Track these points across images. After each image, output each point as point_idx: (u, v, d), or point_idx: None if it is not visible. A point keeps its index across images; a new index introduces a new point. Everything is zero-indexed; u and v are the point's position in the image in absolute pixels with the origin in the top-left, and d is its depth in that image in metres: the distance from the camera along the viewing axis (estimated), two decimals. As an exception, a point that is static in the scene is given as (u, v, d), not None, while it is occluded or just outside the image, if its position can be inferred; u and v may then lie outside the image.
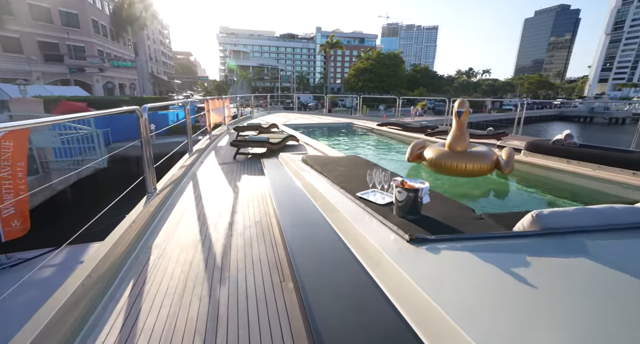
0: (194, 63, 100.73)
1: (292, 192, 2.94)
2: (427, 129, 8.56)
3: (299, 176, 3.26)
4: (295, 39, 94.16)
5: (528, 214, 1.51)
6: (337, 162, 3.33)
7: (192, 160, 4.74)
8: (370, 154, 6.85)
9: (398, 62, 47.59)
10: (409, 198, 1.80)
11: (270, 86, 61.70)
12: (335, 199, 2.29)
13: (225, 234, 2.38)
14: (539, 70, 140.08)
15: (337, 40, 51.89)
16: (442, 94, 53.63)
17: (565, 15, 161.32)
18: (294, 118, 12.45)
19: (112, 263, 1.80)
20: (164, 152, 4.47)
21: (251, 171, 4.39)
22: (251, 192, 3.44)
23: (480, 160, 4.20)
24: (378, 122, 10.55)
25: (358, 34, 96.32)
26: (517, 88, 71.65)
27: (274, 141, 5.35)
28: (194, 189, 3.55)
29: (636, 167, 3.67)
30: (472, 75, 77.84)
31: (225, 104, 9.47)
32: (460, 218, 1.81)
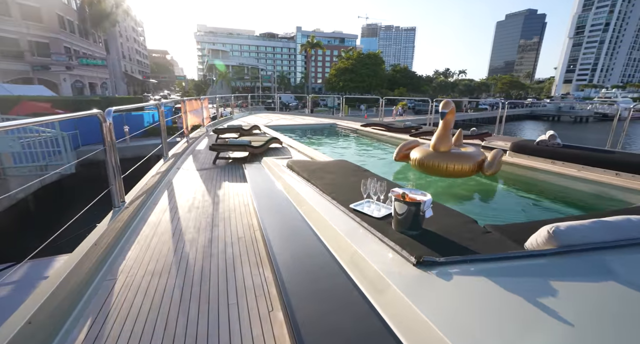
0: (170, 62, 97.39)
1: (278, 202, 2.72)
2: (411, 129, 8.54)
3: (284, 183, 3.04)
4: (276, 39, 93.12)
5: (542, 229, 1.38)
6: (325, 168, 3.13)
7: (167, 166, 4.39)
8: (355, 156, 6.71)
9: (378, 62, 48.07)
10: (410, 212, 1.63)
11: (250, 85, 60.66)
12: (327, 212, 2.09)
13: (204, 254, 2.12)
14: (511, 71, 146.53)
15: (318, 40, 51.79)
16: (421, 94, 54.79)
17: (533, 19, 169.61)
18: (276, 119, 12.14)
19: (64, 298, 1.51)
20: (140, 155, 4.12)
21: (232, 178, 4.11)
22: (233, 202, 3.18)
23: (464, 161, 4.22)
24: (361, 122, 10.46)
25: (338, 34, 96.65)
26: (491, 88, 74.42)
27: (256, 144, 5.08)
28: (169, 199, 3.24)
29: (618, 167, 3.72)
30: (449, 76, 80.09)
31: (204, 105, 9.05)
32: (465, 232, 1.66)
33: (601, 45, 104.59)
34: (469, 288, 1.18)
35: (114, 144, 2.44)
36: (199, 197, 3.30)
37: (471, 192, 4.49)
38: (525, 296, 1.11)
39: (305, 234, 2.02)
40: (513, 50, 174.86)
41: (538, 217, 3.52)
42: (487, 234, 1.62)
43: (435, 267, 1.29)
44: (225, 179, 4.05)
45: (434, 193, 4.43)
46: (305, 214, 2.28)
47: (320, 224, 2.03)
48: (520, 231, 1.71)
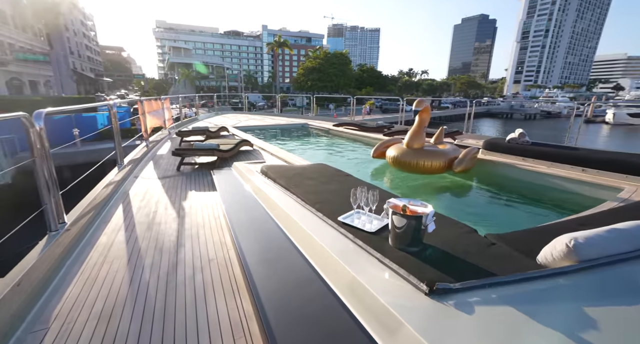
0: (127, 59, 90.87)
1: (253, 215, 2.42)
2: (384, 128, 8.54)
3: (259, 192, 2.74)
4: (241, 37, 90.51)
5: (558, 242, 1.24)
6: (303, 174, 2.88)
7: (123, 175, 3.87)
8: (331, 157, 6.51)
9: (346, 62, 48.47)
10: (410, 226, 1.43)
11: (216, 85, 58.39)
12: (312, 226, 1.84)
13: (167, 283, 1.78)
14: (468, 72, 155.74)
15: (285, 39, 51.15)
16: (387, 93, 56.27)
17: (486, 24, 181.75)
18: (245, 119, 11.63)
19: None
20: (94, 161, 3.59)
21: (199, 186, 3.71)
22: (201, 215, 2.82)
23: (436, 158, 4.34)
24: (333, 122, 10.33)
25: (305, 34, 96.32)
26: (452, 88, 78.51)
27: (225, 147, 4.69)
28: (124, 215, 2.80)
29: (584, 164, 3.89)
30: (413, 76, 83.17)
31: (166, 105, 8.35)
32: (468, 245, 1.50)
33: (543, 50, 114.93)
34: (495, 320, 1.00)
35: (47, 154, 1.99)
36: (161, 211, 2.90)
37: (448, 190, 4.48)
38: (561, 323, 0.95)
39: (289, 254, 1.76)
40: (469, 52, 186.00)
41: (516, 213, 3.55)
42: (492, 247, 1.47)
43: (451, 295, 1.10)
44: (192, 187, 3.65)
45: (410, 192, 4.39)
46: (286, 229, 2.01)
47: (305, 241, 1.77)
48: (525, 241, 1.59)
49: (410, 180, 4.70)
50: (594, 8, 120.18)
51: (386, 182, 4.77)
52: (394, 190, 4.50)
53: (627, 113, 30.89)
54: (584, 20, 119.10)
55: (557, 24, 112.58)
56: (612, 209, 2.02)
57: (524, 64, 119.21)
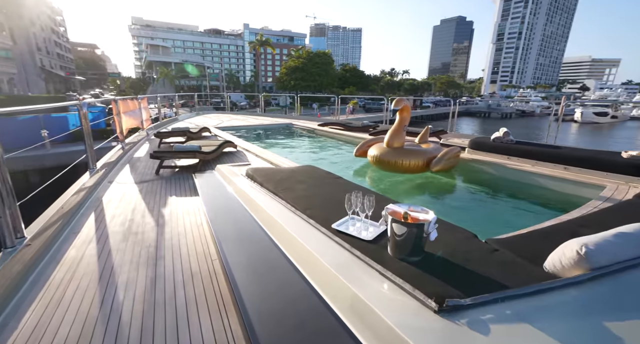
0: (101, 57, 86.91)
1: (239, 222, 2.26)
2: (369, 128, 8.52)
3: (245, 197, 2.58)
4: (222, 35, 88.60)
5: (567, 249, 1.18)
6: (292, 177, 2.74)
7: (95, 180, 3.60)
8: (318, 158, 6.39)
9: (328, 61, 48.44)
10: (411, 235, 1.34)
11: (196, 84, 56.92)
12: (304, 234, 1.72)
13: (144, 303, 1.60)
14: (447, 72, 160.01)
15: (267, 38, 50.57)
16: (370, 93, 56.81)
17: (463, 26, 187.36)
18: (228, 119, 11.31)
19: None
20: (66, 164, 3.31)
21: (180, 191, 3.50)
22: (183, 223, 2.63)
23: (416, 157, 4.33)
24: (318, 122, 10.21)
25: (287, 33, 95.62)
26: (432, 87, 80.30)
27: (208, 149, 4.48)
28: (96, 225, 2.56)
29: (566, 162, 3.97)
30: (394, 75, 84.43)
31: (143, 105, 7.96)
32: (470, 252, 1.42)
33: (517, 51, 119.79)
34: (514, 340, 0.91)
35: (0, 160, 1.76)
36: (138, 219, 2.68)
37: (435, 190, 4.47)
38: (585, 339, 0.87)
39: (280, 266, 1.63)
40: (448, 53, 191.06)
41: (505, 212, 3.56)
42: (496, 254, 1.40)
43: (462, 313, 1.01)
44: (172, 192, 3.43)
45: (394, 191, 4.35)
46: (276, 238, 1.88)
47: (297, 252, 1.65)
48: (527, 245, 1.54)
49: (396, 180, 4.67)
50: (561, 12, 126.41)
51: (370, 182, 4.71)
52: (379, 190, 4.45)
53: (593, 112, 32.77)
54: (553, 24, 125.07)
55: (529, 26, 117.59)
56: (606, 210, 2.02)
57: (500, 65, 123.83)
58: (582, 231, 1.63)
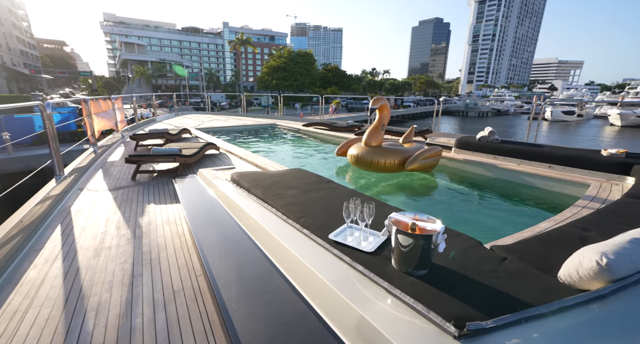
0: (71, 55, 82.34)
1: (226, 232, 2.09)
2: (354, 128, 8.47)
3: (230, 204, 2.41)
4: (201, 34, 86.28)
5: (585, 258, 1.11)
6: (281, 181, 2.59)
7: (63, 187, 3.29)
8: (304, 160, 6.24)
9: (310, 61, 48.28)
10: (418, 247, 1.23)
11: (175, 83, 55.14)
12: (299, 247, 1.58)
13: (119, 329, 1.41)
14: (426, 72, 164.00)
15: (248, 37, 49.77)
16: (352, 92, 57.17)
17: (440, 27, 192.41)
18: (208, 120, 10.94)
19: None
20: (30, 169, 3.00)
21: (159, 198, 3.26)
22: (162, 233, 2.41)
23: (392, 156, 4.27)
24: (302, 122, 10.06)
25: (268, 32, 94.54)
26: (412, 87, 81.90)
27: (189, 152, 4.23)
28: (62, 239, 2.31)
29: (550, 160, 4.04)
30: (375, 75, 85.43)
31: (117, 106, 7.51)
32: (478, 262, 1.34)
33: (491, 52, 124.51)
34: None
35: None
36: (112, 231, 2.44)
37: (423, 191, 4.44)
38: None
39: (273, 282, 1.48)
40: (427, 53, 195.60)
41: (495, 212, 3.56)
42: (505, 263, 1.32)
43: (485, 338, 0.90)
44: (150, 200, 3.18)
45: (379, 192, 4.29)
46: (267, 250, 1.73)
47: (292, 267, 1.51)
48: (534, 252, 1.47)
49: (382, 181, 4.62)
50: (530, 16, 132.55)
51: (355, 183, 4.63)
52: (364, 190, 4.39)
53: (562, 111, 34.57)
54: (523, 27, 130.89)
55: (502, 29, 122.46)
56: (602, 211, 2.01)
57: (476, 65, 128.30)
58: (587, 235, 1.60)
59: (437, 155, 4.49)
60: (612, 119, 30.90)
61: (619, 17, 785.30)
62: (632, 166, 3.39)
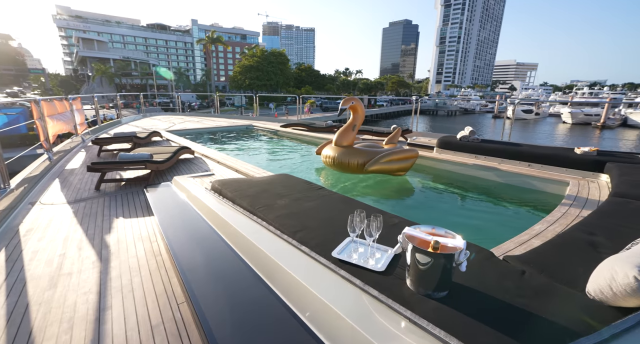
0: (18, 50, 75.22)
1: (210, 250, 1.86)
2: (334, 128, 8.36)
3: (213, 217, 2.17)
4: (168, 31, 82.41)
5: (618, 274, 1.03)
6: (268, 189, 2.39)
7: (9, 202, 2.86)
8: (287, 163, 5.99)
9: (284, 61, 47.72)
10: (438, 267, 1.11)
11: (141, 83, 52.22)
12: (299, 268, 1.40)
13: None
14: (397, 72, 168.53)
15: (219, 35, 48.28)
16: (326, 92, 57.36)
17: (410, 29, 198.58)
18: (180, 121, 10.35)
19: None
20: None
21: (129, 210, 2.92)
22: (135, 253, 2.13)
23: (359, 156, 4.17)
24: (280, 123, 9.81)
25: (239, 31, 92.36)
26: (385, 86, 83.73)
27: (161, 157, 3.89)
28: (7, 267, 1.95)
29: (528, 159, 4.16)
30: (348, 75, 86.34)
31: (76, 107, 6.84)
32: (495, 276, 1.24)
33: (457, 54, 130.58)
34: None
35: None
36: (73, 254, 2.11)
37: (407, 192, 4.38)
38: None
39: (274, 311, 1.29)
40: (397, 54, 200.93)
41: (482, 213, 3.57)
42: (526, 277, 1.23)
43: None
44: (118, 213, 2.84)
45: (360, 193, 4.22)
46: (261, 271, 1.53)
47: (294, 291, 1.32)
48: (550, 263, 1.40)
49: (360, 182, 4.54)
50: (491, 20, 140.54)
51: (343, 187, 4.51)
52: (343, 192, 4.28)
53: (521, 110, 37.02)
54: (485, 30, 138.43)
55: (466, 32, 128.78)
56: (596, 213, 2.02)
57: (443, 66, 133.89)
58: (596, 240, 1.56)
59: (405, 157, 4.26)
60: (564, 117, 33.57)
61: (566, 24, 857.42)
62: (605, 163, 3.54)
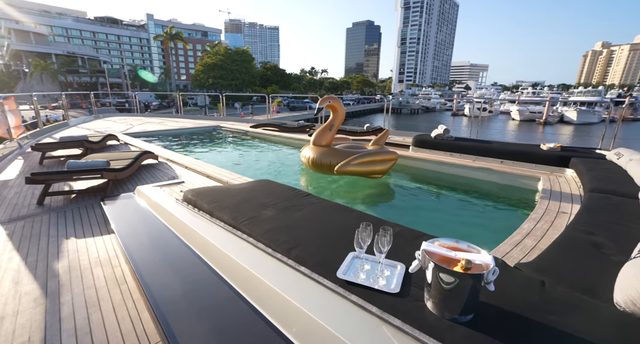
0: None
1: (189, 275, 1.59)
2: (306, 128, 8.19)
3: (188, 233, 1.90)
4: (120, 25, 76.41)
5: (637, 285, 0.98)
6: (251, 199, 2.15)
7: None
8: (264, 166, 5.62)
9: (248, 59, 46.42)
10: (464, 288, 0.98)
11: (91, 81, 47.87)
12: (301, 293, 1.21)
13: None
14: (361, 71, 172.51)
15: (178, 31, 45.74)
16: (292, 91, 56.96)
17: (372, 29, 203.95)
18: (139, 123, 9.53)
19: None
20: None
21: (82, 229, 2.51)
22: (91, 282, 1.79)
23: (338, 158, 4.07)
24: (250, 123, 9.42)
25: (200, 27, 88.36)
26: (350, 86, 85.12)
27: (120, 164, 3.45)
28: None
29: (500, 156, 4.31)
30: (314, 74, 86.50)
31: (8, 107, 5.95)
32: (516, 289, 1.15)
33: (417, 55, 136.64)
34: None
35: None
36: (6, 290, 1.72)
37: (387, 194, 4.33)
38: None
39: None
40: (361, 54, 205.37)
41: (465, 212, 3.61)
42: (547, 289, 1.16)
43: None
44: (69, 232, 2.42)
45: (333, 195, 4.13)
46: (255, 300, 1.31)
47: (299, 323, 1.13)
48: (560, 268, 1.35)
49: (334, 182, 4.45)
50: (447, 23, 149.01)
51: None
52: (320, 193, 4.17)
53: (477, 107, 39.93)
54: (442, 33, 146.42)
55: (425, 33, 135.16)
56: (586, 210, 2.06)
57: (405, 66, 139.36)
58: (598, 241, 1.55)
59: (381, 160, 4.15)
60: (513, 114, 36.73)
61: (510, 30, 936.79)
62: (569, 158, 3.75)
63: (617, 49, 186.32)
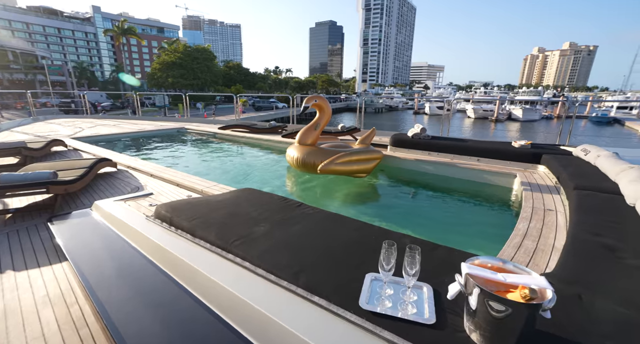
0: None
1: (173, 312, 1.32)
2: (279, 129, 7.91)
3: (166, 258, 1.60)
4: (60, 17, 69.08)
5: None
6: (237, 213, 1.89)
7: None
8: (242, 172, 5.12)
9: (210, 57, 44.46)
10: (519, 318, 0.86)
11: (27, 78, 42.73)
12: (320, 332, 1.02)
13: None
14: (325, 71, 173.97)
15: (131, 26, 42.52)
16: (257, 91, 55.77)
17: (335, 29, 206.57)
18: (90, 126, 8.56)
19: None
20: None
21: (22, 258, 2.06)
22: (38, 329, 1.43)
23: (323, 157, 4.00)
24: (218, 124, 8.89)
25: (155, 23, 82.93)
26: (316, 85, 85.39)
27: (70, 175, 2.96)
28: None
29: (476, 154, 4.41)
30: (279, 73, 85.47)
31: None
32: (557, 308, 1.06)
33: (379, 55, 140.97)
34: None
35: None
36: None
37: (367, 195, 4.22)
38: None
39: None
40: (324, 54, 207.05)
41: (450, 212, 3.61)
42: (586, 304, 1.08)
43: None
44: (4, 264, 1.97)
45: (309, 196, 4.00)
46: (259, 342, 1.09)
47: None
48: (583, 277, 1.29)
49: (317, 185, 4.31)
50: (406, 25, 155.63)
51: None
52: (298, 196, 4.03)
53: (436, 106, 42.23)
54: (401, 34, 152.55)
55: (385, 35, 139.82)
56: (580, 209, 2.08)
57: (368, 66, 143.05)
58: (606, 242, 1.54)
59: (366, 159, 4.09)
60: (469, 112, 39.54)
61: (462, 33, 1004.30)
62: (541, 155, 3.92)
63: (550, 54, 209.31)
